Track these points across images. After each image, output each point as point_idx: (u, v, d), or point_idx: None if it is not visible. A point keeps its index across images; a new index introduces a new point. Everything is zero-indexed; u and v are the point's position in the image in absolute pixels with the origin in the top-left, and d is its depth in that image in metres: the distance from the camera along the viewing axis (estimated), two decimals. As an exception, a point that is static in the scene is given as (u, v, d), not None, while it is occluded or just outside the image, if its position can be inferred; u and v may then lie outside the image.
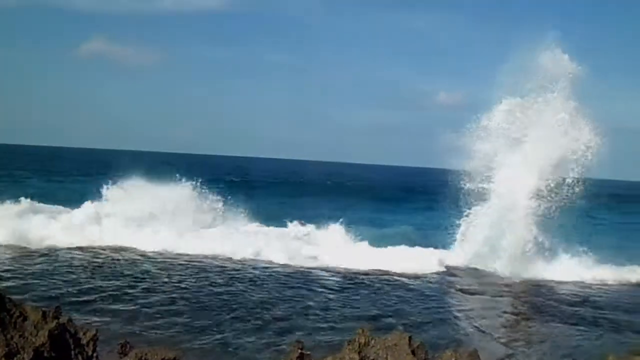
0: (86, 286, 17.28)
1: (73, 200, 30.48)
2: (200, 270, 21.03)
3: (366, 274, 22.11)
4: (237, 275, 20.43)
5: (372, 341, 9.63)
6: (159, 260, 22.30)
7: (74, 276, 18.49)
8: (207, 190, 31.07)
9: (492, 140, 26.81)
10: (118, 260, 21.83)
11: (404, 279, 21.61)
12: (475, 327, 15.91)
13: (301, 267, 22.64)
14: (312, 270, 22.24)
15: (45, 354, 6.62)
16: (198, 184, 30.90)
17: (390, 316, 16.32)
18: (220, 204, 31.14)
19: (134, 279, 18.79)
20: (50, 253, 21.79)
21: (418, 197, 62.27)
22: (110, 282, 18.11)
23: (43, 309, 7.28)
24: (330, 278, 21.09)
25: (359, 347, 9.59)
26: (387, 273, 22.48)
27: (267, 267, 22.39)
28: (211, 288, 18.39)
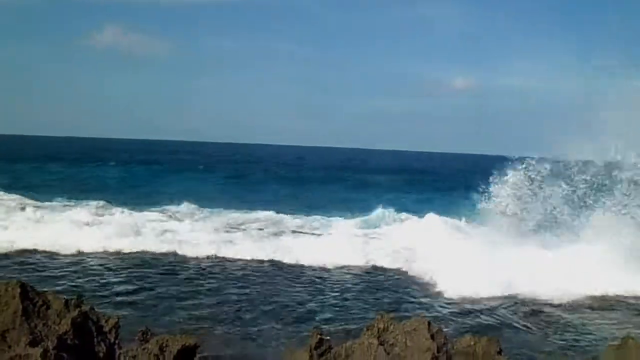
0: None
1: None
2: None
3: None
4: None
5: (391, 326, 9.66)
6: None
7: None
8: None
9: None
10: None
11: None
12: None
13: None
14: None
15: (69, 342, 6.71)
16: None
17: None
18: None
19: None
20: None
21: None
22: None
23: (65, 297, 7.37)
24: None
25: (378, 332, 9.63)
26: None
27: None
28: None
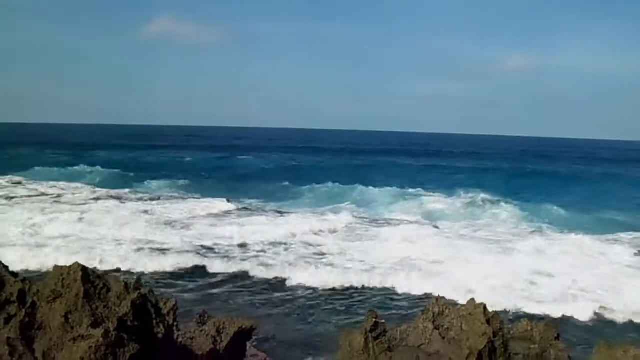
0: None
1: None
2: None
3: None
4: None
5: (447, 310, 9.57)
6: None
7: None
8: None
9: None
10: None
11: None
12: None
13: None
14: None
15: (129, 323, 6.87)
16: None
17: None
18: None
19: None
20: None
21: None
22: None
23: (125, 281, 7.55)
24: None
25: (433, 316, 9.55)
26: None
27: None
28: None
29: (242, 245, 20.73)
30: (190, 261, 18.04)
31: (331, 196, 37.31)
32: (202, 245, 20.34)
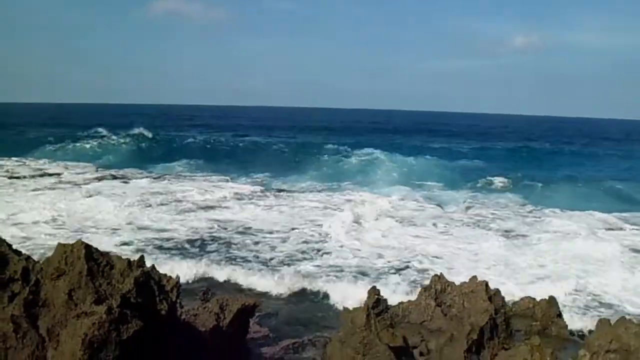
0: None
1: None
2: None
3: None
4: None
5: (449, 288, 9.61)
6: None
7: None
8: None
9: None
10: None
11: None
12: None
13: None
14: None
15: (132, 300, 6.91)
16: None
17: None
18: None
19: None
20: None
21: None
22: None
23: (128, 258, 7.58)
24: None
25: (435, 293, 9.60)
26: None
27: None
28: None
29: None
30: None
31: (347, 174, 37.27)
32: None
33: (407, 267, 15.89)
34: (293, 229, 19.93)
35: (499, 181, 35.15)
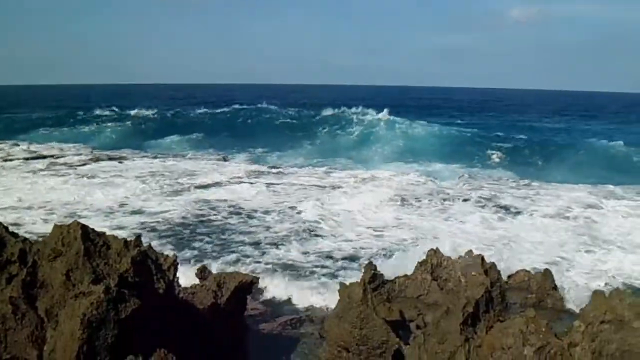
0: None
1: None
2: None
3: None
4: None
5: (445, 262, 9.68)
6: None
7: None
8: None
9: None
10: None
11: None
12: None
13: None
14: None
15: (129, 279, 6.95)
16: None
17: None
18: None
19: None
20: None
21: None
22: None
23: (124, 238, 7.61)
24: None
25: (432, 267, 9.67)
26: None
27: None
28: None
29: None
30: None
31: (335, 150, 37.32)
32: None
33: (399, 245, 15.90)
34: (281, 211, 19.71)
35: (496, 156, 35.27)
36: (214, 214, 18.89)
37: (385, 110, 48.21)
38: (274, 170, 28.50)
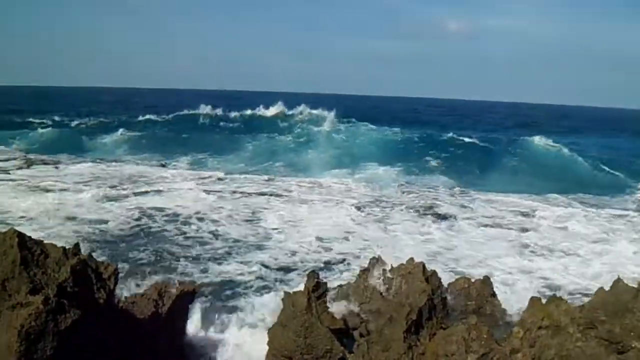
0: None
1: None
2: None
3: None
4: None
5: (387, 270, 9.79)
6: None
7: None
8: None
9: None
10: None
11: None
12: None
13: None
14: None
15: (69, 289, 6.76)
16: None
17: None
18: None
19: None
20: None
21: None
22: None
23: (63, 246, 7.40)
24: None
25: (374, 275, 9.76)
26: None
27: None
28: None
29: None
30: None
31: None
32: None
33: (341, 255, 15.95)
34: (221, 219, 19.48)
35: (434, 162, 35.88)
36: (152, 222, 18.50)
37: (332, 113, 48.42)
38: (214, 176, 28.21)
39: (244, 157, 36.43)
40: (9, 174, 26.37)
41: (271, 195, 23.79)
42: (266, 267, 14.49)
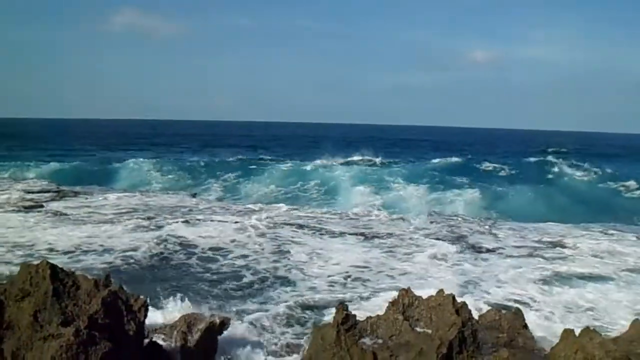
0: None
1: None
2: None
3: None
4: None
5: (416, 302, 9.68)
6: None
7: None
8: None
9: None
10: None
11: None
12: None
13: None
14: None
15: (99, 321, 6.82)
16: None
17: None
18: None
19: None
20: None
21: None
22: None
23: (95, 278, 7.48)
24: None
25: (403, 307, 9.66)
26: None
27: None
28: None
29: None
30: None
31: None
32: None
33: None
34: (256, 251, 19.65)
35: (465, 191, 35.67)
36: (181, 253, 18.60)
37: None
38: (246, 208, 28.37)
39: (275, 189, 36.62)
40: (42, 205, 26.75)
41: (301, 227, 23.75)
42: (295, 300, 14.43)
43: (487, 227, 24.85)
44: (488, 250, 20.13)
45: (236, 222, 23.81)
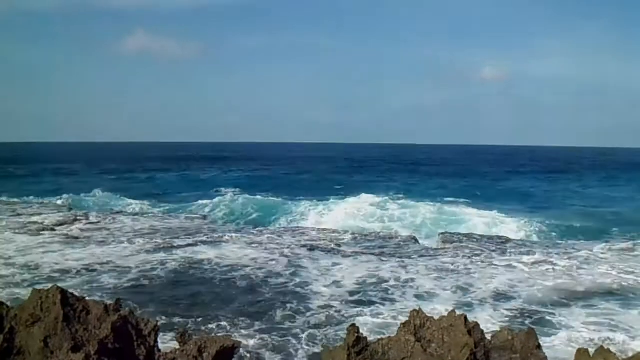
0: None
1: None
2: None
3: None
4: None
5: (428, 322, 9.60)
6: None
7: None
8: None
9: None
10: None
11: None
12: None
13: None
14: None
15: (110, 346, 6.81)
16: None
17: None
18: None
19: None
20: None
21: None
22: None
23: (105, 302, 7.49)
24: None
25: (415, 328, 9.58)
26: None
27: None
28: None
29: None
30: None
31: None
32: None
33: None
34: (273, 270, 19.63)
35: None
36: (193, 275, 18.66)
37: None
38: (259, 230, 28.43)
39: (292, 206, 36.80)
40: (54, 229, 26.92)
41: (313, 249, 23.68)
42: (308, 320, 14.40)
43: (506, 247, 24.76)
44: (508, 264, 20.05)
45: (253, 244, 23.94)
